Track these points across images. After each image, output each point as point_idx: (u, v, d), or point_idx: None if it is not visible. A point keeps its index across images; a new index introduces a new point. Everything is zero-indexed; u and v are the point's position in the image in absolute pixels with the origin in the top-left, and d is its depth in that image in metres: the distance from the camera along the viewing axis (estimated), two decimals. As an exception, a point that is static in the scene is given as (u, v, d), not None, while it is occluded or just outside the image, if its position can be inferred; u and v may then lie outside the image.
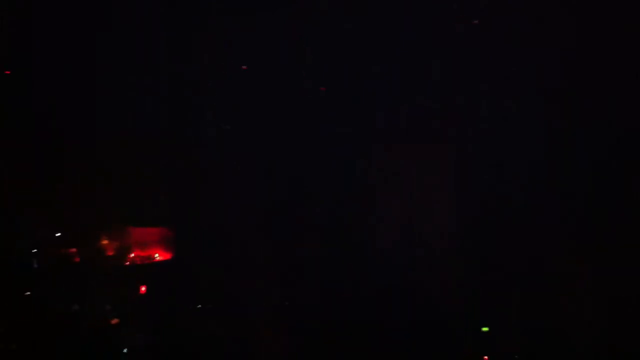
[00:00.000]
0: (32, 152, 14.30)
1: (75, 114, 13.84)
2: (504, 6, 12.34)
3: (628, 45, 12.17)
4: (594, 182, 12.91)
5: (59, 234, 17.00)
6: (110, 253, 17.64)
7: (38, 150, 14.31)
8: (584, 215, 12.61)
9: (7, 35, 8.93)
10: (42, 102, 12.91)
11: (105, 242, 17.57)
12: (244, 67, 13.93)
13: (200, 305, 14.41)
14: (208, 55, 13.32)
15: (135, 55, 12.68)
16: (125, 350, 11.61)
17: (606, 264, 12.24)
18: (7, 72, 9.72)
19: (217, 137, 14.93)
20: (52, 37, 10.92)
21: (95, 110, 13.88)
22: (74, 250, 17.09)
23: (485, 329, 12.02)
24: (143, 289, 16.18)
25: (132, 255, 17.82)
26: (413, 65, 13.55)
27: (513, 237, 12.82)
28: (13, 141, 13.90)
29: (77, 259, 16.99)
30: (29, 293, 14.75)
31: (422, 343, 10.72)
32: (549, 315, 11.31)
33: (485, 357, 10.74)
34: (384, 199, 14.27)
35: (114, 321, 12.37)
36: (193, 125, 14.64)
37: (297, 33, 13.09)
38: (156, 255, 17.67)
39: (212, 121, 14.65)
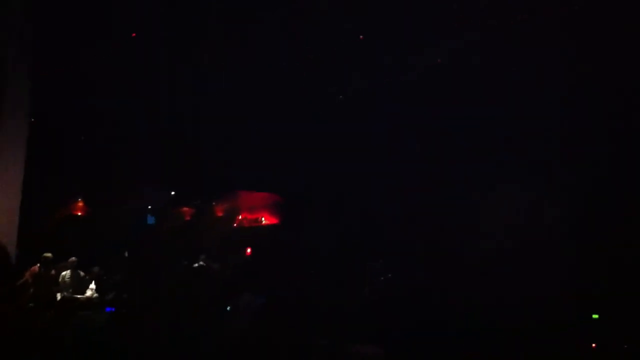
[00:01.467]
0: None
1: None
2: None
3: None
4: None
5: (172, 193, 17.79)
6: (220, 214, 18.28)
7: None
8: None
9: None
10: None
11: (216, 203, 18.23)
12: None
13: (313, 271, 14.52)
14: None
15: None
16: (228, 308, 11.89)
17: None
18: None
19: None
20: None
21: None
22: (186, 209, 17.85)
23: (595, 316, 11.49)
24: (249, 250, 16.60)
25: (240, 217, 18.38)
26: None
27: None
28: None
29: (188, 218, 17.75)
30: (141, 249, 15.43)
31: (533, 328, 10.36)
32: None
33: (594, 344, 10.22)
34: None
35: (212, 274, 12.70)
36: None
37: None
38: (262, 218, 18.11)
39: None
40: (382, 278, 13.92)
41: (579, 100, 12.19)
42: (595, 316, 11.46)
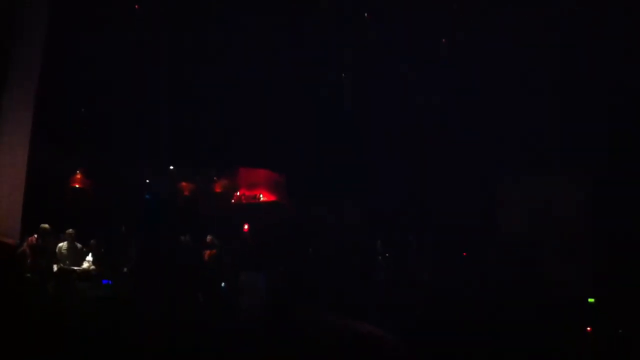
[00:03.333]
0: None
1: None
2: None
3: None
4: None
5: (172, 167, 17.73)
6: (218, 190, 18.23)
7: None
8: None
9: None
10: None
11: (214, 179, 18.18)
12: None
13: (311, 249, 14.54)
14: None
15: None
16: (222, 285, 11.89)
17: None
18: None
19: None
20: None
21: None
22: (184, 184, 17.79)
23: (591, 300, 11.56)
24: (246, 226, 16.60)
25: (239, 193, 18.33)
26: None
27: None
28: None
29: (187, 193, 17.69)
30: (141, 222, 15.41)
31: (528, 312, 10.40)
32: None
33: (589, 328, 10.25)
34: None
35: (212, 252, 12.68)
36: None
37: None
38: (261, 195, 18.08)
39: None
40: (380, 257, 13.97)
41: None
42: (591, 300, 11.53)
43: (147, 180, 17.28)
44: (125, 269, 12.14)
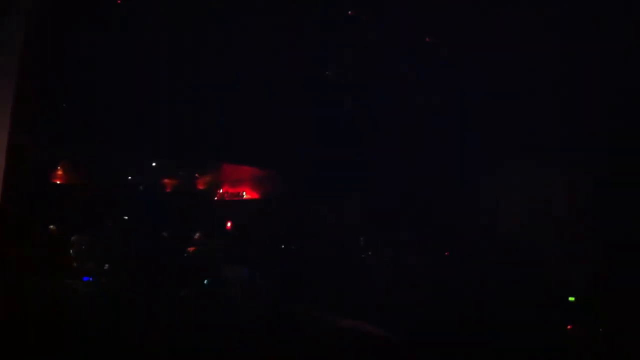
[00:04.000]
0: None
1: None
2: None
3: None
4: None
5: (154, 164, 17.64)
6: (201, 187, 18.19)
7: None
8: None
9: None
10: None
11: (196, 175, 18.13)
12: None
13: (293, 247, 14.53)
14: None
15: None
16: (205, 282, 11.81)
17: None
18: None
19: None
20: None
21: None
22: (166, 180, 17.73)
23: (571, 298, 11.63)
24: (229, 224, 16.56)
25: (222, 190, 18.31)
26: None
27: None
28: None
29: (168, 190, 17.63)
30: (126, 217, 15.30)
31: (508, 310, 10.44)
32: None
33: (570, 326, 10.32)
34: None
35: (192, 249, 12.62)
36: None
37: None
38: (244, 193, 18.08)
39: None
40: (370, 253, 13.98)
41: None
42: (571, 299, 11.61)
43: (129, 177, 17.21)
44: (106, 266, 12.03)
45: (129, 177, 17.43)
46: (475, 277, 11.52)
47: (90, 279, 11.05)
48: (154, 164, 17.74)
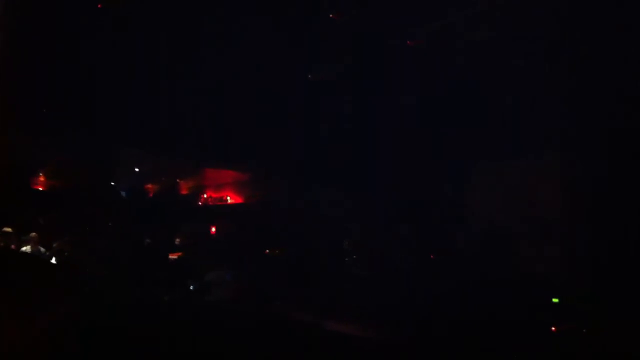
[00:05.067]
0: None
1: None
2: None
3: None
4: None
5: (137, 170, 17.49)
6: (185, 192, 18.07)
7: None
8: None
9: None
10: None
11: (179, 180, 18.01)
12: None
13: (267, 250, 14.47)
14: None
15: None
16: (192, 287, 11.77)
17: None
18: None
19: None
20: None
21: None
22: (149, 186, 17.58)
23: (555, 300, 11.69)
24: (213, 229, 16.47)
25: (205, 195, 18.21)
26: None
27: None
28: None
29: (151, 195, 17.48)
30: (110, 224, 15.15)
31: (493, 312, 10.48)
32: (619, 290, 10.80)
33: (553, 327, 10.39)
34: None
35: (178, 254, 12.59)
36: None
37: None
38: (228, 197, 18.00)
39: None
40: (355, 257, 13.96)
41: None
42: (555, 300, 11.67)
43: (112, 183, 17.06)
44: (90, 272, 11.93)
45: (112, 183, 17.29)
46: (464, 277, 11.56)
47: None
48: (136, 170, 17.62)
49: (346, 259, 13.90)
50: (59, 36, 12.22)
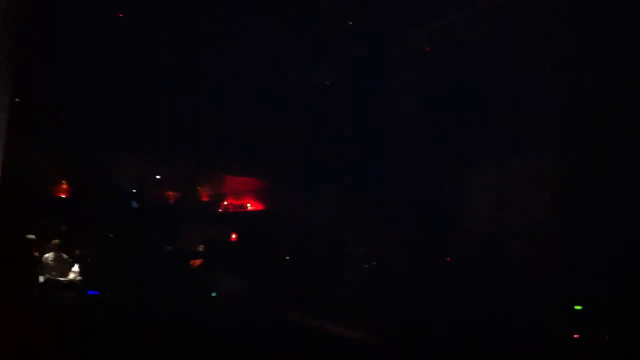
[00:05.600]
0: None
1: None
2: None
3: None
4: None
5: (158, 177, 17.64)
6: (205, 199, 18.19)
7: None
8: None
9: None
10: None
11: (201, 187, 18.13)
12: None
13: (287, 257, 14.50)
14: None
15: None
16: (214, 294, 11.82)
17: None
18: None
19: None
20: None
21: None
22: (170, 193, 17.73)
23: (578, 307, 11.55)
24: (234, 236, 16.54)
25: (226, 202, 18.31)
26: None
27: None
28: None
29: (172, 202, 17.63)
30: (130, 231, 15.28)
31: (514, 318, 10.39)
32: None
33: (576, 335, 10.29)
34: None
35: (198, 262, 12.65)
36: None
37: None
38: (248, 204, 18.08)
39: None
40: (366, 266, 13.94)
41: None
42: (578, 307, 11.53)
43: (134, 190, 17.22)
44: (111, 279, 12.04)
45: (132, 190, 17.46)
46: (478, 281, 11.47)
47: (96, 292, 11.08)
48: (157, 177, 17.78)
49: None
50: (74, 45, 12.39)
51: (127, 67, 13.10)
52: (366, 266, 14.15)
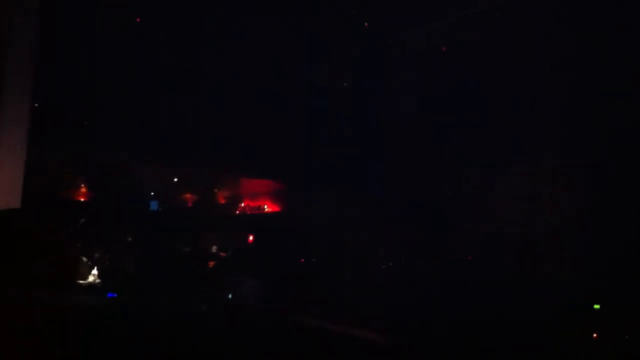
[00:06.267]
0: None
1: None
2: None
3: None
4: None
5: (176, 179, 17.74)
6: (222, 201, 18.23)
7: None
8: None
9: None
10: None
11: (218, 190, 18.18)
12: None
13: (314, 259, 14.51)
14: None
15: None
16: (230, 296, 11.91)
17: None
18: None
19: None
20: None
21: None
22: (187, 196, 17.79)
23: (596, 306, 11.49)
24: (251, 238, 16.59)
25: (243, 205, 18.36)
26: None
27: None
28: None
29: (190, 204, 17.68)
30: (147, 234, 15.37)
31: (532, 318, 10.36)
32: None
33: (595, 334, 10.24)
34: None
35: (212, 264, 12.74)
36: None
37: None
38: (265, 206, 18.10)
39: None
40: (384, 266, 13.91)
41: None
42: (596, 306, 11.47)
43: (152, 193, 17.31)
44: (130, 281, 12.15)
45: (150, 193, 17.56)
46: (493, 281, 11.42)
47: (115, 295, 11.19)
48: (175, 179, 17.86)
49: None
50: (91, 52, 12.52)
51: (136, 69, 13.22)
52: (383, 267, 14.14)
